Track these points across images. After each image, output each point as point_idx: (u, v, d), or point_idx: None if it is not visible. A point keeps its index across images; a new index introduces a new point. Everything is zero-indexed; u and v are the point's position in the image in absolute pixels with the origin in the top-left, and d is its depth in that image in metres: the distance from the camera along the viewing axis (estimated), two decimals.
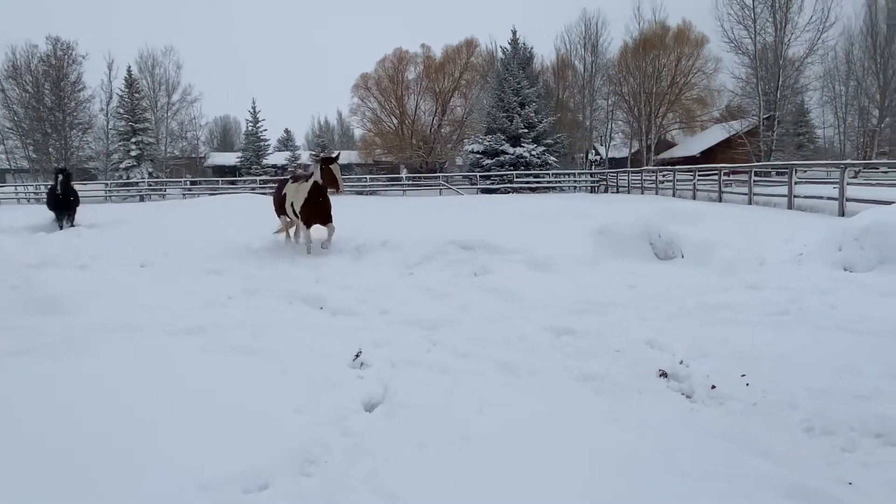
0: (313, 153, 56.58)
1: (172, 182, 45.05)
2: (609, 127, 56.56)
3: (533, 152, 43.63)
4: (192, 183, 45.38)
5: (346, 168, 59.18)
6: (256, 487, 2.97)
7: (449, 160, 57.98)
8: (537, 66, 55.14)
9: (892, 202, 10.24)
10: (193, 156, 60.50)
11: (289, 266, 8.53)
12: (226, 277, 7.85)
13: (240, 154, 59.94)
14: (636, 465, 3.12)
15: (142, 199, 40.57)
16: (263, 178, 49.36)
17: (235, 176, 54.47)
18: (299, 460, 3.20)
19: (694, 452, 3.26)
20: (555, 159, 45.85)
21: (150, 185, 43.07)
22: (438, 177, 41.47)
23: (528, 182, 39.75)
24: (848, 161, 25.19)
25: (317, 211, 10.03)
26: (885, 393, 3.83)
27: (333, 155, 10.43)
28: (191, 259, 9.47)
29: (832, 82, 46.88)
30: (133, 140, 46.99)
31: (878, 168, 26.53)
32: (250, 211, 14.91)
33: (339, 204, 11.22)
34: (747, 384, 4.19)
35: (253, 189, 43.21)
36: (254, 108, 57.84)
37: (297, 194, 10.21)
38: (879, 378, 4.07)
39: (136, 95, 48.61)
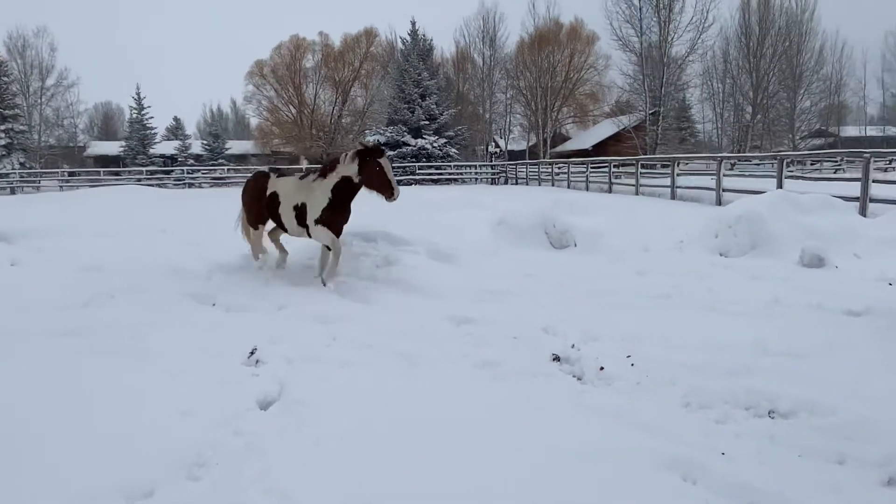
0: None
1: (48, 173, 41.77)
2: (508, 120, 57.84)
3: (434, 144, 43.89)
4: (71, 174, 42.25)
5: (242, 158, 57.16)
6: (140, 495, 2.81)
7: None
8: (437, 58, 55.49)
9: (763, 192, 11.09)
10: (71, 145, 56.36)
11: (178, 259, 8.11)
12: (107, 275, 7.35)
13: (123, 143, 56.22)
14: (529, 448, 3.21)
15: (13, 191, 37.33)
16: (151, 168, 46.72)
17: (119, 166, 51.17)
18: (188, 464, 3.05)
19: (584, 432, 3.40)
20: (456, 151, 46.37)
21: (23, 177, 39.70)
22: None
23: (430, 174, 40.00)
24: (724, 154, 27.09)
25: (338, 220, 7.27)
26: (753, 368, 4.16)
27: (373, 144, 7.36)
28: (69, 255, 8.80)
29: (711, 80, 50.21)
30: (2, 128, 43.13)
31: (751, 160, 28.67)
32: (136, 202, 14.06)
33: (223, 197, 10.71)
34: (632, 364, 4.43)
35: (139, 181, 40.82)
36: (138, 94, 54.62)
37: (312, 195, 7.19)
38: (749, 355, 4.42)
39: (5, 79, 44.66)
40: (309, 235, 7.33)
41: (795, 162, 25.70)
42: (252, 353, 4.77)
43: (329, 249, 7.20)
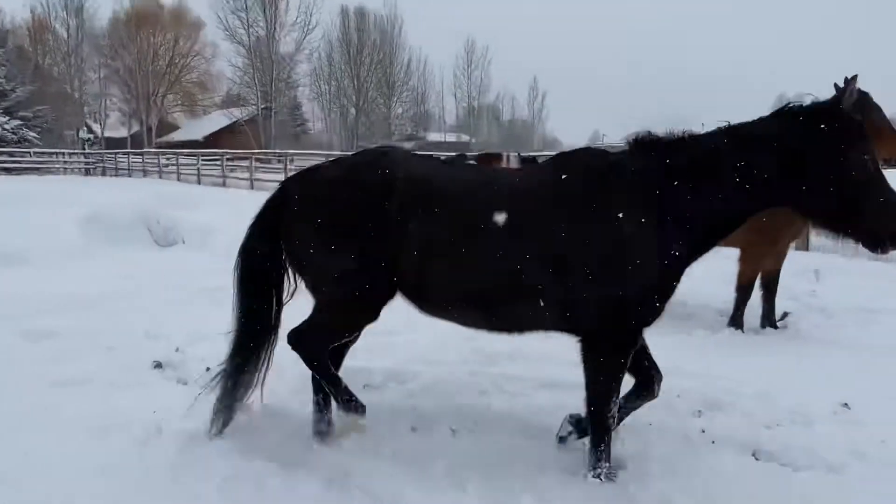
0: None
1: None
2: (104, 103, 51.54)
3: (6, 126, 36.53)
4: None
5: None
6: None
7: None
8: (6, 24, 46.26)
9: None
10: None
11: None
12: None
13: None
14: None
15: None
16: None
17: None
18: None
19: (187, 441, 3.25)
20: (36, 136, 39.39)
21: None
22: None
23: (1, 162, 33.12)
24: (334, 152, 28.85)
25: None
26: (355, 348, 4.52)
27: None
28: None
29: (318, 81, 52.76)
30: None
31: None
32: None
33: None
34: None
35: None
36: None
37: None
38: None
39: None
40: None
41: None
42: None
43: None
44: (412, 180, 2.97)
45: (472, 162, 7.61)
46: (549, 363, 4.24)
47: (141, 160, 33.32)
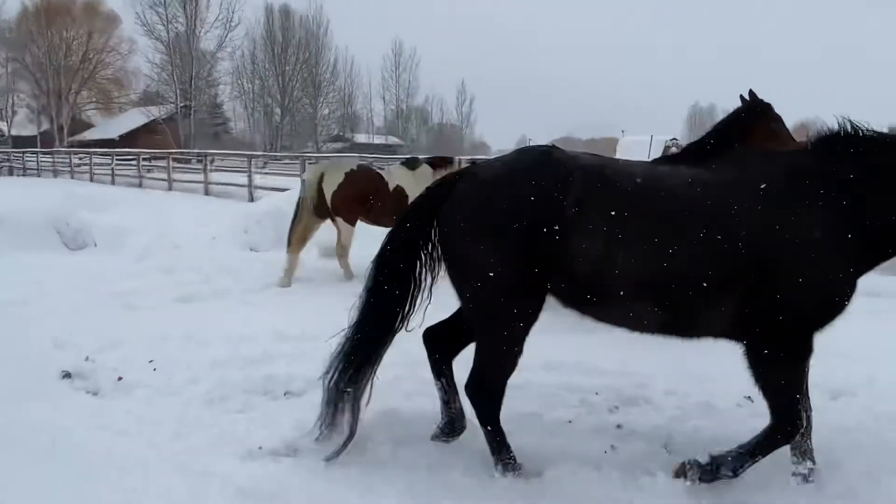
0: None
1: None
2: (11, 99, 48.46)
3: None
4: None
5: None
6: None
7: None
8: None
9: (287, 189, 11.95)
10: None
11: None
12: None
13: None
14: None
15: None
16: None
17: None
18: None
19: (94, 454, 3.11)
20: None
21: None
22: None
23: None
24: (256, 153, 28.19)
25: None
26: (273, 355, 4.46)
27: None
28: None
29: (241, 79, 51.32)
30: None
31: (281, 160, 30.43)
32: None
33: None
34: (154, 369, 4.23)
35: None
36: None
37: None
38: (269, 343, 4.72)
39: None
40: None
41: (318, 162, 28.27)
42: None
43: None
44: (590, 176, 2.82)
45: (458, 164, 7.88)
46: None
47: (51, 160, 31.53)
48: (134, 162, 24.78)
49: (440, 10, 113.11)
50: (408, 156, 10.64)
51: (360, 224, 7.51)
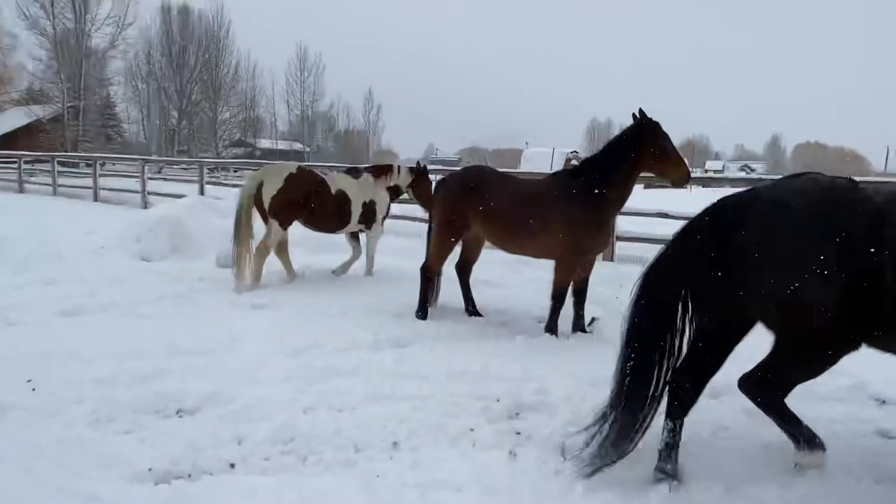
0: None
1: None
2: None
3: None
4: None
5: None
6: None
7: None
8: None
9: (184, 196, 11.45)
10: None
11: None
12: None
13: None
14: None
15: None
16: None
17: None
18: None
19: None
20: None
21: None
22: None
23: None
24: (150, 157, 26.86)
25: None
26: (166, 370, 4.24)
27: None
28: None
29: (136, 80, 48.82)
30: None
31: (178, 164, 29.13)
32: None
33: None
34: (34, 389, 3.92)
35: None
36: None
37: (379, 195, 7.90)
38: (162, 358, 4.48)
39: None
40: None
41: (219, 168, 27.27)
42: None
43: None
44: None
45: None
46: (381, 376, 4.30)
47: None
48: (14, 165, 22.97)
49: (346, 16, 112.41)
50: (348, 165, 10.64)
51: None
